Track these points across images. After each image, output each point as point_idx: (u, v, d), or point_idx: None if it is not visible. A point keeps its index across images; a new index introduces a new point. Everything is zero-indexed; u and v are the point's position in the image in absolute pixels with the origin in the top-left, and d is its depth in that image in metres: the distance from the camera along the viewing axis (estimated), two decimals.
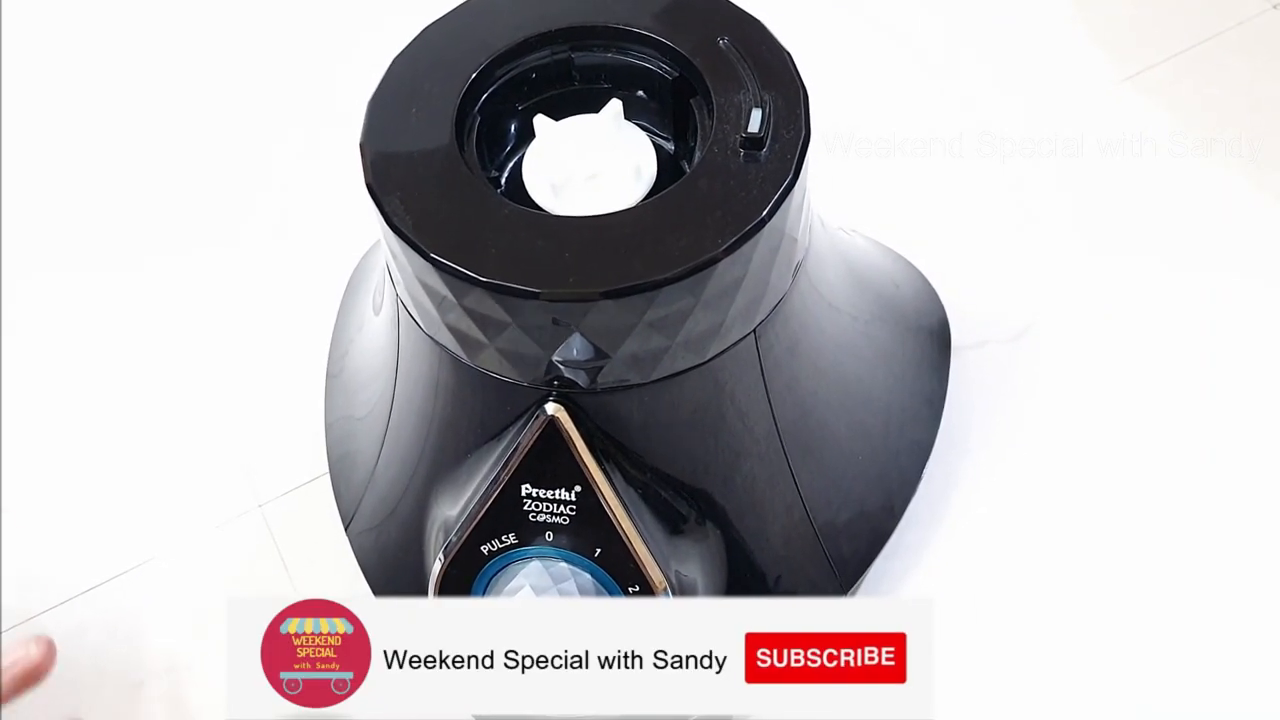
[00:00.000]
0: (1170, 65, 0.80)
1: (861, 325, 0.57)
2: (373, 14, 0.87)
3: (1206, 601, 0.58)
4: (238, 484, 0.66)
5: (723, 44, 0.48)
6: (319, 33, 0.89)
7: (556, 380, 0.45)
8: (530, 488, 0.46)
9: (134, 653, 0.61)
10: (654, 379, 0.45)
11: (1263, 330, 0.67)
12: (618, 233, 0.44)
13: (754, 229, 0.43)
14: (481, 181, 0.46)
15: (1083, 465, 0.63)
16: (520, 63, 0.50)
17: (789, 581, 0.54)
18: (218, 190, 0.80)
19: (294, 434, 0.66)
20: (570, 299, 0.42)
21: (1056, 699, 0.56)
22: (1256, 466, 0.62)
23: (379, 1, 0.86)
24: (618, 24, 0.50)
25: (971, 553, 0.61)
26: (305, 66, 0.87)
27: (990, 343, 0.68)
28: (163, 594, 0.63)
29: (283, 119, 0.84)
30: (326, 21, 0.90)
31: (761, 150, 0.45)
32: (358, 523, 0.58)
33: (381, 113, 0.48)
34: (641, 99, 0.51)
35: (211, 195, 0.80)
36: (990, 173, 0.76)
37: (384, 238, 0.47)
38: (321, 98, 0.84)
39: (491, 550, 0.47)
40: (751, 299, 0.45)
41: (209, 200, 0.80)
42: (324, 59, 0.87)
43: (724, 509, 0.51)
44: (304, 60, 0.88)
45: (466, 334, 0.45)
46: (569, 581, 0.46)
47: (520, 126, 0.51)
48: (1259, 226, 0.72)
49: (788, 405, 0.51)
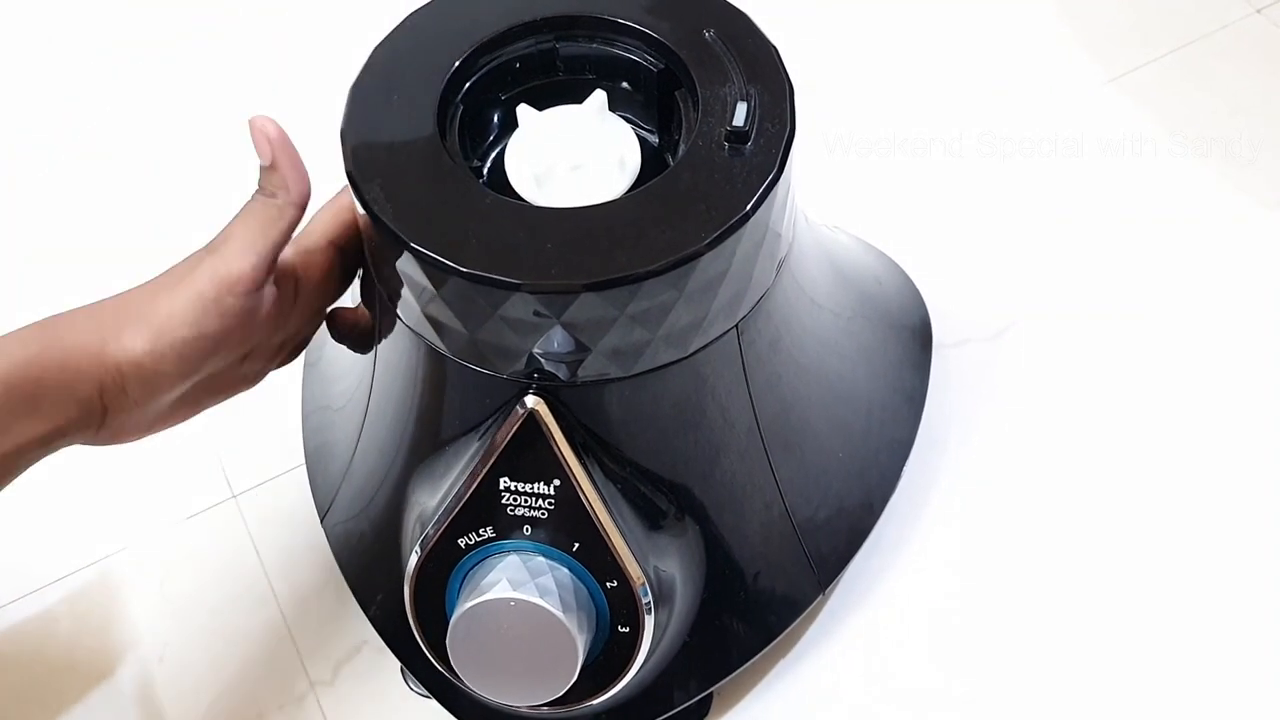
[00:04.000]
0: (1154, 68, 0.81)
1: (844, 322, 0.57)
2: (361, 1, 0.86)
3: (1185, 598, 0.58)
4: (212, 474, 0.66)
5: (709, 37, 0.48)
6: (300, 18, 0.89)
7: (537, 373, 0.44)
8: (509, 481, 0.46)
9: (104, 644, 0.60)
10: (635, 373, 0.45)
11: (1243, 331, 0.68)
12: (600, 225, 0.43)
13: (738, 223, 0.43)
14: (464, 171, 0.45)
15: (1062, 464, 0.63)
16: (504, 52, 0.49)
17: (767, 578, 0.54)
18: (193, 176, 0.79)
19: (269, 424, 0.66)
20: (552, 291, 0.42)
21: (1036, 696, 0.56)
22: (1237, 466, 0.63)
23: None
24: (603, 14, 0.49)
25: (949, 551, 0.61)
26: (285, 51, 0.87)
27: (970, 341, 0.68)
28: (135, 585, 0.62)
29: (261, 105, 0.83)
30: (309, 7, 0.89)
31: (746, 144, 0.45)
32: (333, 514, 0.57)
33: (363, 100, 0.47)
34: (626, 90, 0.51)
35: (187, 181, 0.79)
36: (974, 172, 0.77)
37: (364, 227, 0.46)
38: (301, 84, 0.84)
39: (469, 543, 0.47)
40: (734, 293, 0.45)
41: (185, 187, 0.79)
42: (304, 44, 0.87)
43: (703, 504, 0.50)
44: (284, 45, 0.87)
45: (446, 325, 0.44)
46: (546, 576, 0.46)
47: (503, 116, 0.50)
48: (1240, 228, 0.72)
49: (769, 401, 0.50)
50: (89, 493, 0.65)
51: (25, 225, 0.78)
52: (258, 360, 0.49)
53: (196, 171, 0.79)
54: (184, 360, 0.43)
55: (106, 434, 0.45)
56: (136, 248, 0.74)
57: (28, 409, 0.42)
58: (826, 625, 0.59)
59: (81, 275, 0.73)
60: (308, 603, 0.61)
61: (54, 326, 0.43)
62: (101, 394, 0.43)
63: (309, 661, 0.59)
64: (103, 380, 0.43)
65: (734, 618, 0.53)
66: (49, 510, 0.64)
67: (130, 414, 0.44)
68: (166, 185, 0.79)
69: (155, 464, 0.66)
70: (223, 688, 0.59)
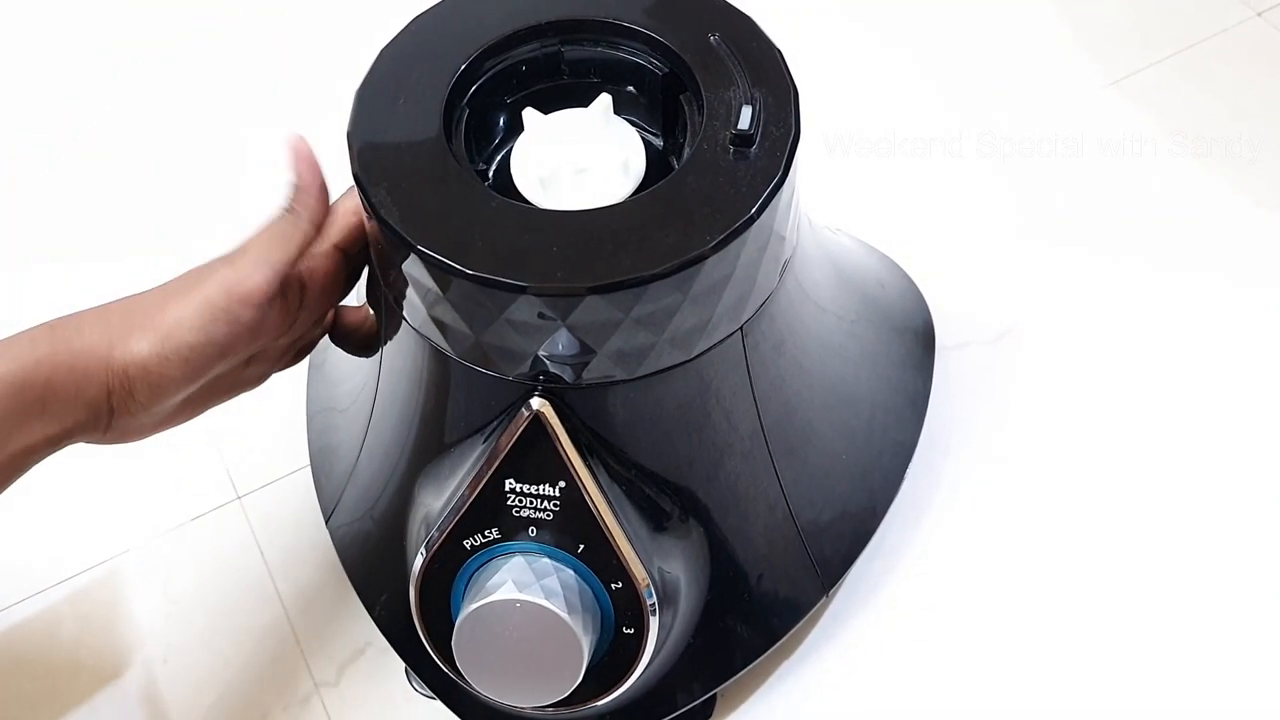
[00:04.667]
0: (1154, 70, 0.81)
1: (847, 325, 0.57)
2: (362, 2, 0.86)
3: (1188, 600, 0.59)
4: (216, 476, 0.66)
5: (714, 40, 0.48)
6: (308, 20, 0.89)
7: (542, 375, 0.45)
8: (514, 482, 0.46)
9: (108, 645, 0.60)
10: (640, 375, 0.45)
11: (1244, 333, 0.68)
12: (606, 228, 0.43)
13: (742, 226, 0.43)
14: (469, 174, 0.45)
15: (1064, 466, 0.63)
16: (510, 55, 0.50)
17: (771, 581, 0.54)
18: (200, 178, 0.79)
19: (274, 426, 0.66)
20: (558, 294, 0.42)
21: (1038, 698, 0.56)
22: (1237, 467, 0.63)
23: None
24: (608, 18, 0.49)
25: (953, 553, 0.61)
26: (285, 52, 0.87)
27: (972, 344, 0.68)
28: (139, 587, 0.62)
29: (267, 107, 0.83)
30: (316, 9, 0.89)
31: (751, 147, 0.45)
32: (338, 516, 0.57)
33: (369, 103, 0.47)
34: (631, 94, 0.51)
35: (194, 183, 0.79)
36: (975, 174, 0.77)
37: (370, 229, 0.47)
38: (308, 86, 0.84)
39: (474, 545, 0.47)
40: (739, 296, 0.45)
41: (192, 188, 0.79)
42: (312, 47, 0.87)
43: (707, 507, 0.51)
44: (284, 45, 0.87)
45: (452, 327, 0.45)
46: (552, 578, 0.46)
47: (509, 119, 0.51)
48: (1240, 230, 0.73)
49: (773, 404, 0.50)
50: (94, 494, 0.65)
51: (25, 225, 0.78)
52: (263, 363, 0.49)
53: (196, 171, 0.79)
54: (190, 365, 0.44)
55: (113, 434, 0.45)
56: (137, 248, 0.75)
57: (37, 410, 0.42)
58: (829, 628, 0.59)
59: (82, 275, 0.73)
60: (312, 604, 0.61)
61: (62, 329, 0.43)
62: (109, 396, 0.43)
63: (313, 662, 0.59)
64: (110, 383, 0.43)
65: (738, 620, 0.53)
66: (54, 511, 0.65)
67: (136, 416, 0.44)
68: (166, 185, 0.79)
69: (160, 466, 0.66)
70: (227, 689, 0.59)
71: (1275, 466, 0.63)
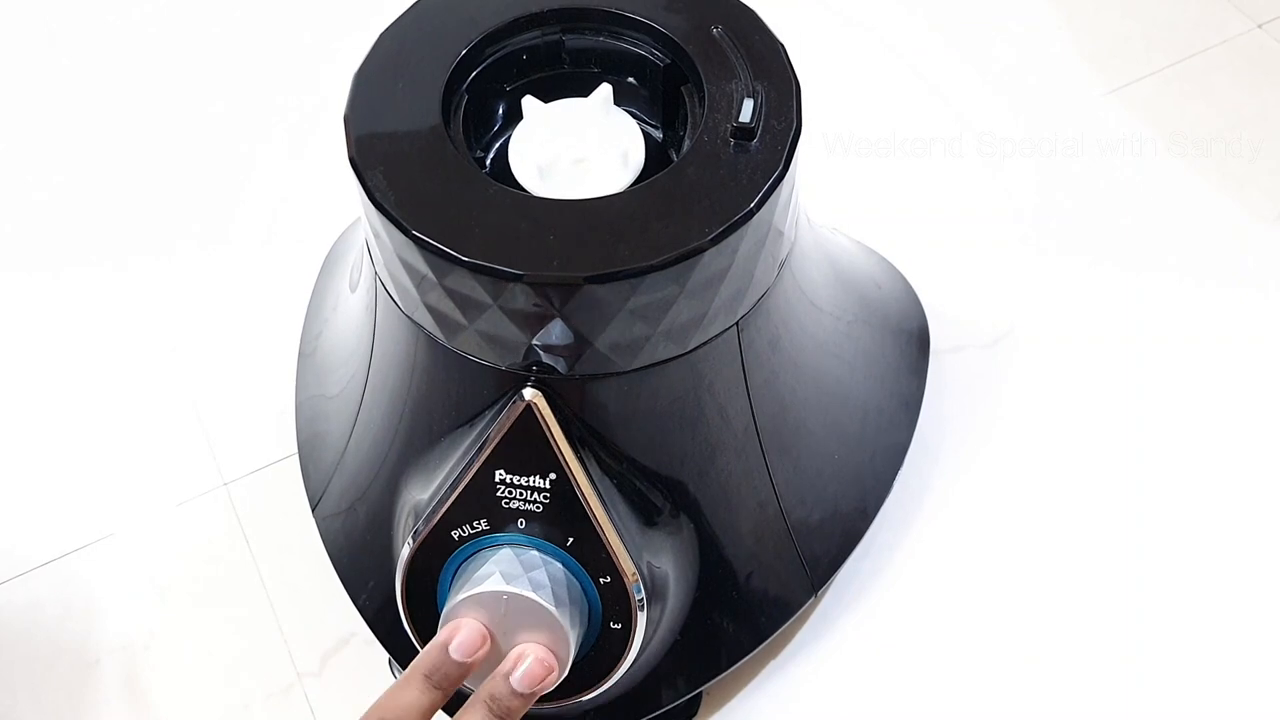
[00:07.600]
0: (1155, 80, 0.81)
1: (844, 325, 0.57)
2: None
3: (1179, 603, 0.58)
4: (203, 461, 0.65)
5: (716, 32, 0.48)
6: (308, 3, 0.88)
7: (535, 365, 0.44)
8: (504, 473, 0.45)
9: (90, 630, 0.60)
10: (634, 368, 0.45)
11: (1238, 338, 0.68)
12: (603, 218, 0.43)
13: (741, 219, 0.43)
14: (467, 160, 0.45)
15: (1055, 472, 0.63)
16: (510, 42, 0.49)
17: (760, 579, 0.54)
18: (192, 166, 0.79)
19: (263, 412, 0.65)
20: (553, 283, 0.41)
21: (1024, 702, 0.56)
22: (1232, 471, 0.63)
23: None
24: (610, 8, 0.49)
25: (942, 556, 0.61)
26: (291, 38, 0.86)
27: (968, 348, 0.68)
28: (121, 571, 0.62)
29: (263, 92, 0.83)
30: None
31: (752, 141, 0.44)
32: (325, 504, 0.57)
33: (367, 87, 0.47)
34: (632, 85, 0.50)
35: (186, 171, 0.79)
36: (973, 179, 0.77)
37: (365, 213, 0.46)
38: (306, 71, 0.83)
39: (462, 536, 0.46)
40: (735, 291, 0.45)
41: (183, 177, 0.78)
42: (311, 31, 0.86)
43: (698, 502, 0.50)
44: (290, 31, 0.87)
45: (446, 315, 0.44)
46: (540, 570, 0.45)
47: (508, 107, 0.50)
48: (1237, 238, 0.73)
49: (767, 401, 0.50)
50: (78, 478, 0.65)
51: (25, 225, 0.77)
52: None
53: (196, 171, 0.79)
54: None
55: None
56: (137, 248, 0.74)
57: None
58: (817, 627, 0.59)
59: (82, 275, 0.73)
60: (297, 592, 0.60)
61: None
62: None
63: (296, 651, 0.59)
64: None
65: (725, 617, 0.53)
66: (37, 495, 0.64)
67: None
68: (167, 185, 0.78)
69: (145, 450, 0.65)
70: (209, 676, 0.58)
71: (1269, 472, 0.62)
